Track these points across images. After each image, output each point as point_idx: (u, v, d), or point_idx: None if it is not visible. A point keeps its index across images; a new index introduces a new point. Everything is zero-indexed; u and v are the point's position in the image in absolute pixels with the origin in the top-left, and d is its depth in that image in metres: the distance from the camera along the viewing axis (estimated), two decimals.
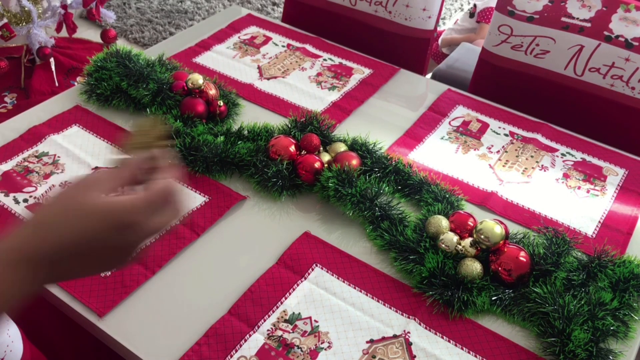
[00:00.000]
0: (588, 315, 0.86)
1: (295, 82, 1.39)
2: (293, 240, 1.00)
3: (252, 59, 1.46)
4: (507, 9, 1.42)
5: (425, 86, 1.46)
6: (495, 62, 1.49)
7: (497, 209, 1.09)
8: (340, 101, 1.34)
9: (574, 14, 1.36)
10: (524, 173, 1.18)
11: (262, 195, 1.09)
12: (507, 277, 0.92)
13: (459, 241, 0.96)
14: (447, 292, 0.91)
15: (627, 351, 0.87)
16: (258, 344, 0.85)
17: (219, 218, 1.03)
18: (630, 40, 1.31)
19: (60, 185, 1.07)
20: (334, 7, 1.67)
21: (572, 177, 1.18)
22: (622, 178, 1.19)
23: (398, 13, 1.58)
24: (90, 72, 1.29)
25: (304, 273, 0.95)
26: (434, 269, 0.92)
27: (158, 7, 3.21)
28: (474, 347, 0.87)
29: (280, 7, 3.26)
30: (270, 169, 1.08)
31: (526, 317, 0.90)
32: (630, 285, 0.92)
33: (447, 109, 1.34)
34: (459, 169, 1.18)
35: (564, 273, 0.93)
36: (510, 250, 0.94)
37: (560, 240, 0.98)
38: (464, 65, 1.92)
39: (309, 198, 1.09)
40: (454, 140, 1.25)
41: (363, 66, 1.46)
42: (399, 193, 1.09)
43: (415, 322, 0.89)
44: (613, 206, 1.12)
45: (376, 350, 0.85)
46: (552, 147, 1.25)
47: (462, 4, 3.48)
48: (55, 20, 2.46)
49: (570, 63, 1.40)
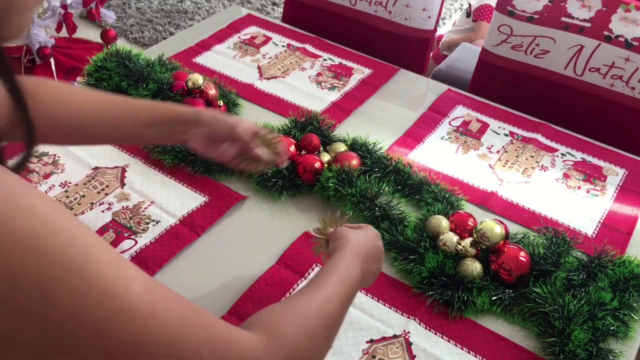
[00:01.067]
0: (588, 315, 0.86)
1: (295, 82, 1.39)
2: (293, 240, 1.00)
3: (252, 59, 1.46)
4: (507, 9, 1.42)
5: (425, 86, 1.46)
6: (495, 62, 1.49)
7: (497, 209, 1.09)
8: (340, 101, 1.34)
9: (574, 14, 1.36)
10: (524, 173, 1.18)
11: (262, 195, 1.09)
12: (507, 277, 0.92)
13: (459, 241, 0.96)
14: (447, 292, 0.91)
15: (627, 351, 0.87)
16: None
17: (219, 218, 1.03)
18: (630, 40, 1.31)
19: (60, 185, 1.07)
20: (334, 7, 1.67)
21: (572, 177, 1.18)
22: (622, 178, 1.19)
23: (398, 13, 1.58)
24: (90, 72, 1.28)
25: (304, 273, 0.95)
26: (434, 269, 0.92)
27: (158, 7, 3.21)
28: (474, 347, 0.87)
29: (280, 7, 3.26)
30: (270, 169, 1.08)
31: (526, 317, 0.90)
32: (630, 285, 0.92)
33: (447, 109, 1.34)
34: (459, 169, 1.18)
35: (564, 273, 0.93)
36: (510, 250, 0.94)
37: (560, 240, 0.98)
38: (464, 65, 1.92)
39: (309, 198, 1.09)
40: (454, 140, 1.25)
41: (363, 66, 1.46)
42: (399, 193, 1.09)
43: (415, 322, 0.89)
44: (613, 206, 1.12)
45: (376, 350, 0.85)
46: (552, 147, 1.25)
47: (462, 4, 3.49)
48: (55, 20, 2.46)
49: (570, 63, 1.40)
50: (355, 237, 0.77)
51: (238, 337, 0.52)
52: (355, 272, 0.72)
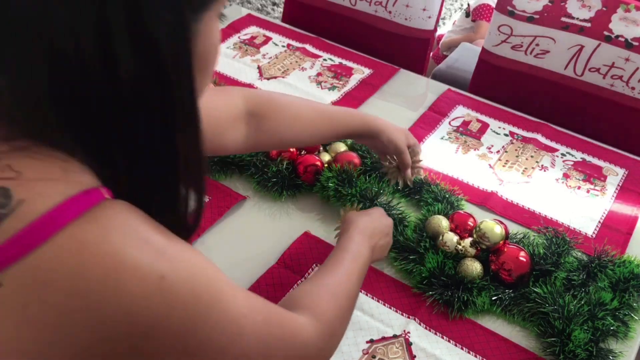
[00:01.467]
0: (588, 315, 0.86)
1: (295, 82, 1.39)
2: (293, 240, 1.00)
3: (252, 59, 1.46)
4: (507, 9, 1.42)
5: (425, 86, 1.46)
6: (495, 62, 1.49)
7: (497, 209, 1.09)
8: (340, 101, 1.34)
9: (574, 14, 1.36)
10: (524, 173, 1.18)
11: (262, 195, 1.09)
12: (507, 277, 0.92)
13: (459, 241, 0.96)
14: (447, 292, 0.91)
15: (627, 351, 0.87)
16: None
17: (219, 218, 1.03)
18: (630, 40, 1.31)
19: None
20: (334, 7, 1.66)
21: (572, 177, 1.18)
22: (622, 178, 1.19)
23: (398, 13, 1.58)
24: None
25: (304, 273, 0.95)
26: (434, 269, 0.92)
27: None
28: (474, 347, 0.87)
29: (280, 7, 3.26)
30: (270, 169, 1.08)
31: (526, 317, 0.90)
32: (630, 285, 0.92)
33: (447, 109, 1.34)
34: (459, 169, 1.18)
35: (564, 273, 0.93)
36: (510, 250, 0.94)
37: (560, 240, 0.98)
38: (464, 65, 1.92)
39: (309, 198, 1.09)
40: (454, 140, 1.25)
41: (363, 66, 1.46)
42: (399, 193, 1.09)
43: (415, 322, 0.89)
44: (613, 206, 1.12)
45: (376, 350, 0.85)
46: (552, 147, 1.25)
47: (462, 4, 3.49)
48: None
49: (570, 63, 1.40)
50: (361, 219, 0.86)
51: (301, 328, 0.60)
52: (365, 249, 0.81)
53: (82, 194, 0.40)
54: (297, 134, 0.94)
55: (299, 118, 0.94)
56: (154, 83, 0.41)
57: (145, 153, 0.43)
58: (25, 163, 0.40)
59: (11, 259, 0.37)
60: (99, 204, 0.40)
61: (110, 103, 0.40)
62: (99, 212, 0.40)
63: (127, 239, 0.40)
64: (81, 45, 0.38)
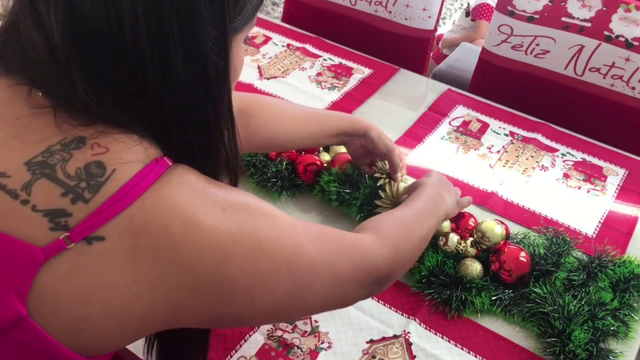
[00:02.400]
0: (588, 315, 0.86)
1: (295, 82, 1.39)
2: None
3: (252, 59, 1.46)
4: (507, 8, 1.42)
5: (425, 86, 1.46)
6: (495, 62, 1.49)
7: (497, 209, 1.09)
8: (340, 101, 1.34)
9: (574, 14, 1.36)
10: (524, 173, 1.18)
11: (262, 196, 1.08)
12: (507, 277, 0.92)
13: (459, 241, 0.96)
14: (445, 291, 0.91)
15: (627, 351, 0.87)
16: (258, 344, 0.85)
17: None
18: (631, 40, 1.31)
19: None
20: (334, 7, 1.66)
21: (573, 177, 1.18)
22: (622, 178, 1.19)
23: (398, 13, 1.58)
24: None
25: None
26: (434, 267, 0.92)
27: None
28: (474, 347, 0.87)
29: (280, 7, 3.25)
30: (269, 169, 1.08)
31: (526, 317, 0.90)
32: (630, 285, 0.92)
33: (447, 109, 1.34)
34: (459, 169, 1.18)
35: (564, 273, 0.93)
36: (510, 250, 0.93)
37: (561, 240, 0.98)
38: (464, 65, 1.92)
39: (309, 198, 1.09)
40: (454, 140, 1.25)
41: (363, 66, 1.46)
42: None
43: (415, 322, 0.89)
44: (613, 206, 1.12)
45: (376, 350, 0.85)
46: (552, 147, 1.25)
47: (462, 4, 3.49)
48: None
49: (570, 63, 1.40)
50: (427, 178, 0.94)
51: (362, 241, 0.67)
52: (438, 194, 0.89)
53: (154, 162, 0.50)
54: (286, 131, 0.96)
55: (286, 115, 0.97)
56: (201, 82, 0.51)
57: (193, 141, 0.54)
58: (108, 141, 0.49)
59: (109, 215, 0.47)
60: (168, 169, 0.51)
61: (167, 101, 0.50)
62: (170, 175, 0.50)
63: (193, 195, 0.51)
64: (141, 44, 0.47)
